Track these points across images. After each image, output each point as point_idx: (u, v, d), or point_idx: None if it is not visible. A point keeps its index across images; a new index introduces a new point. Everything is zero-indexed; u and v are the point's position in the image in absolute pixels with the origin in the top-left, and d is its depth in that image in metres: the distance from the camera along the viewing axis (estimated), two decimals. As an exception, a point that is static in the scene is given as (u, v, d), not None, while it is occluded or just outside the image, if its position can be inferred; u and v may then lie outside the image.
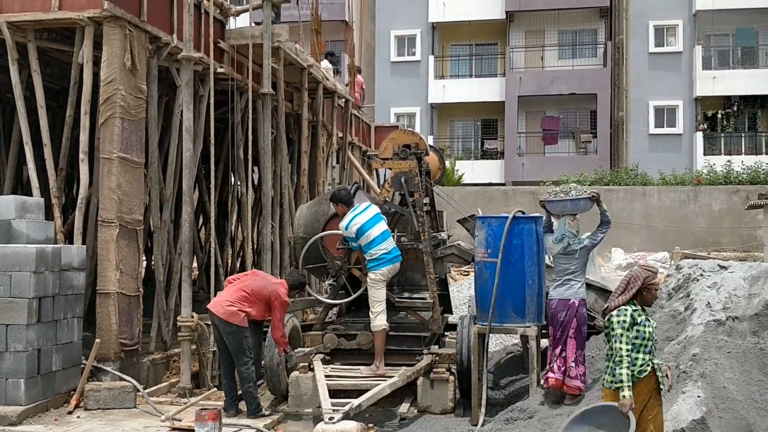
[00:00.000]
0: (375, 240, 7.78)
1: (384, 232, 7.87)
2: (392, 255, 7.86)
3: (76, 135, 9.20)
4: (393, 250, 7.88)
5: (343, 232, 7.93)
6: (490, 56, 32.71)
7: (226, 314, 7.31)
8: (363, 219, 7.82)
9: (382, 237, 7.83)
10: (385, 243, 7.82)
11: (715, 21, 29.23)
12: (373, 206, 8.04)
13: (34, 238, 7.84)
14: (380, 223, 7.88)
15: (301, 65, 12.59)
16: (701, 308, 6.87)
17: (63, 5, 8.52)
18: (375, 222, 7.85)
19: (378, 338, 7.82)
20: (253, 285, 7.50)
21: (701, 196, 23.86)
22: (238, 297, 7.41)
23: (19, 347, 7.23)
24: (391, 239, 7.96)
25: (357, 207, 7.97)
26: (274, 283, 7.66)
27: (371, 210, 7.93)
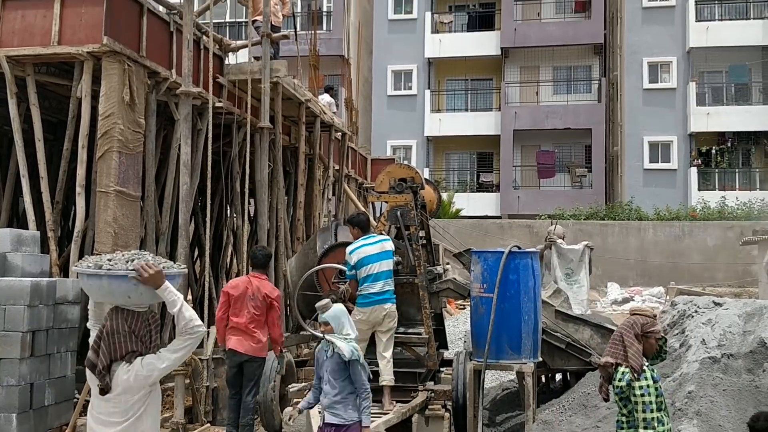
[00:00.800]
0: (371, 276, 7.55)
1: (385, 272, 7.58)
2: (380, 297, 7.52)
3: (73, 168, 9.23)
4: (385, 293, 7.55)
5: (347, 255, 7.76)
6: (486, 91, 33.00)
7: (254, 351, 7.43)
8: (369, 251, 7.58)
9: (378, 276, 7.55)
10: (380, 283, 7.54)
11: (708, 58, 29.57)
12: (388, 243, 7.76)
13: (29, 272, 7.82)
14: (385, 262, 7.59)
15: (299, 99, 12.70)
16: (696, 345, 6.87)
17: (62, 40, 8.61)
18: (380, 258, 7.58)
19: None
20: (254, 302, 7.48)
21: (696, 231, 23.95)
22: (256, 324, 7.43)
23: (12, 381, 7.17)
24: (389, 282, 7.64)
25: (371, 237, 7.75)
26: (260, 286, 7.57)
27: (382, 245, 7.67)
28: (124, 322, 3.71)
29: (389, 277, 7.60)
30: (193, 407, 9.02)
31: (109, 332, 3.68)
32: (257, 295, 7.49)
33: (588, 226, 24.38)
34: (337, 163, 16.36)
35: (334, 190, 16.86)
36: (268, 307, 7.55)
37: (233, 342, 7.49)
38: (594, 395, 7.26)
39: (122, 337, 3.68)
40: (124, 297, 3.71)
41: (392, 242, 7.77)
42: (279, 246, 12.38)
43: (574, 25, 31.27)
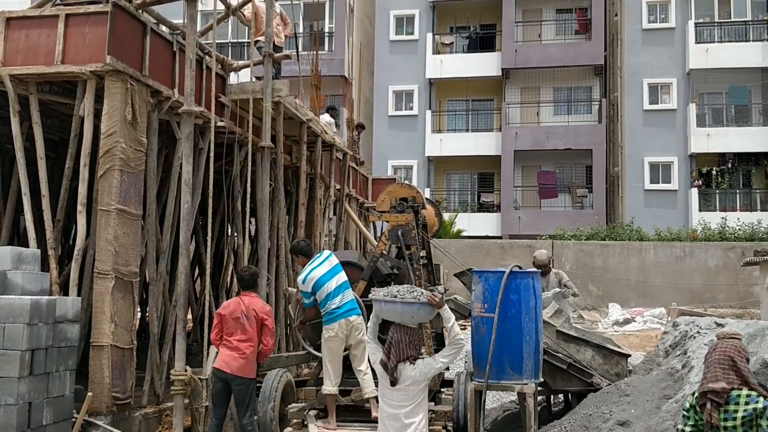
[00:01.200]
0: (329, 294, 7.55)
1: (341, 285, 7.61)
2: (343, 309, 7.51)
3: (74, 186, 9.24)
4: (345, 304, 7.53)
5: (300, 286, 7.75)
6: (487, 111, 33.12)
7: (240, 370, 7.35)
8: (320, 272, 7.64)
9: (336, 291, 7.57)
10: (338, 297, 7.54)
11: (708, 80, 29.70)
12: (332, 256, 7.81)
13: (29, 290, 7.81)
14: (337, 276, 7.64)
15: (300, 119, 12.74)
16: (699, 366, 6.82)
17: (66, 59, 8.66)
18: (332, 275, 7.63)
19: (327, 402, 7.61)
20: (247, 321, 7.46)
21: (697, 252, 23.91)
22: (248, 344, 7.40)
23: (10, 401, 7.13)
24: (349, 292, 7.63)
25: (316, 258, 7.79)
26: (251, 304, 7.56)
27: (330, 261, 7.73)
28: (405, 335, 5.29)
29: (345, 289, 7.65)
30: (192, 427, 8.97)
31: (395, 342, 5.25)
32: (249, 313, 7.47)
33: (589, 246, 24.35)
34: (338, 183, 16.38)
35: (335, 209, 16.87)
36: (261, 325, 7.52)
37: (219, 360, 7.50)
38: (596, 416, 7.21)
39: (404, 345, 5.25)
40: (409, 317, 5.31)
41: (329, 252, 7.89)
42: (279, 265, 12.36)
43: (575, 46, 31.45)
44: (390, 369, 5.20)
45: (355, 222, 17.64)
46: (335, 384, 7.64)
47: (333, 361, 7.62)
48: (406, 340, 5.25)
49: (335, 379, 7.64)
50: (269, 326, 7.55)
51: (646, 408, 7.00)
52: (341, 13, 30.68)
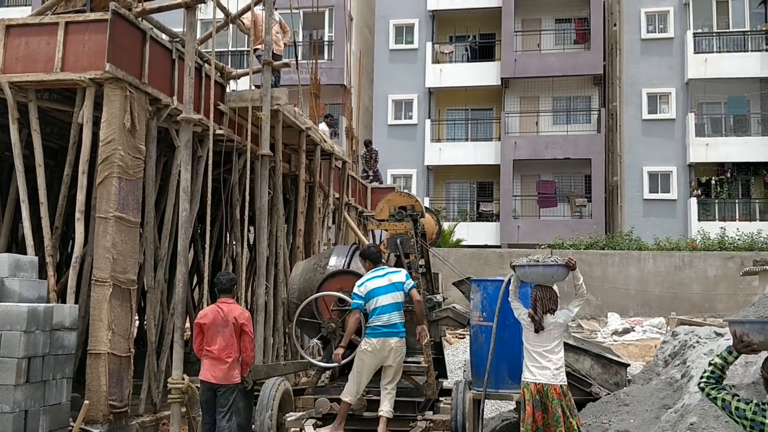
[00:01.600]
0: (377, 309, 7.50)
1: (393, 305, 7.51)
2: (386, 330, 7.46)
3: (72, 194, 9.23)
4: (394, 326, 7.48)
5: (356, 287, 7.73)
6: (486, 121, 33.16)
7: (225, 378, 7.40)
8: (377, 284, 7.58)
9: (386, 308, 7.49)
10: (386, 316, 7.47)
11: (707, 89, 29.75)
12: (398, 274, 7.68)
13: (27, 297, 7.78)
14: (393, 294, 7.54)
15: (299, 127, 12.75)
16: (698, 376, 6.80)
17: (65, 66, 8.67)
18: (388, 291, 7.55)
19: (341, 407, 7.61)
20: (226, 328, 7.43)
21: (696, 261, 23.90)
22: (228, 351, 7.40)
23: (6, 408, 7.09)
24: (397, 314, 7.54)
25: (380, 269, 7.75)
26: (229, 311, 7.52)
27: (390, 277, 7.64)
28: (546, 292, 6.50)
29: (396, 310, 7.53)
30: (189, 436, 8.93)
31: (539, 298, 6.48)
32: (228, 320, 7.44)
33: (588, 255, 24.33)
34: (337, 191, 16.38)
35: (334, 218, 16.86)
36: (240, 331, 7.49)
37: (203, 372, 7.50)
38: (595, 426, 7.19)
39: (546, 300, 6.47)
40: (549, 278, 6.51)
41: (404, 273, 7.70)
42: (278, 274, 12.34)
43: (574, 56, 31.51)
44: (536, 319, 6.40)
45: (354, 231, 17.63)
46: (354, 396, 7.58)
47: (361, 373, 7.55)
48: (547, 296, 6.46)
49: (356, 391, 7.58)
50: (249, 333, 7.52)
51: (645, 418, 6.97)
52: (341, 22, 30.75)
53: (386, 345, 7.45)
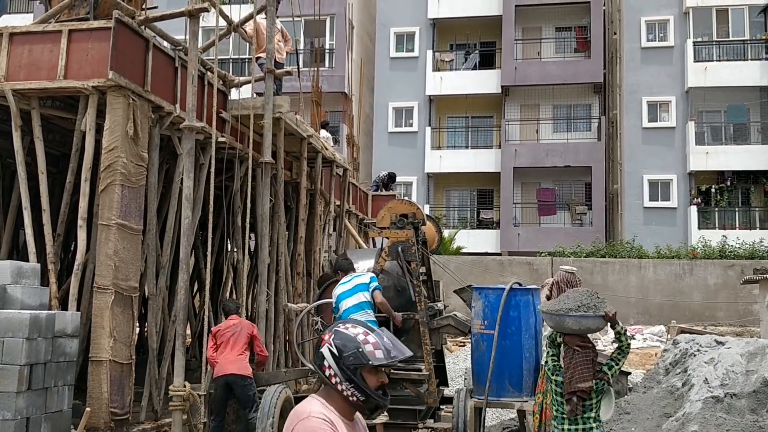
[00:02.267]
0: (343, 313, 7.64)
1: (355, 306, 7.64)
2: None
3: (75, 201, 9.25)
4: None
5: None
6: (486, 128, 33.20)
7: (239, 369, 8.09)
8: (340, 290, 7.82)
9: (349, 311, 7.61)
10: (355, 316, 7.51)
11: (706, 98, 29.81)
12: (363, 276, 7.88)
13: (29, 304, 7.79)
14: (356, 295, 7.69)
15: (301, 135, 12.77)
16: (699, 384, 6.82)
17: (68, 74, 8.70)
18: (351, 293, 7.73)
19: None
20: (240, 332, 8.34)
21: (696, 270, 23.91)
22: (241, 353, 8.20)
23: (8, 415, 7.09)
24: (362, 313, 7.57)
25: (350, 276, 7.96)
26: (240, 322, 8.52)
27: (355, 280, 7.84)
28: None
29: (359, 310, 7.68)
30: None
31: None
32: (241, 327, 8.38)
33: (588, 263, 24.34)
34: (338, 199, 16.40)
35: (335, 225, 16.88)
36: (251, 337, 8.37)
37: (218, 369, 8.21)
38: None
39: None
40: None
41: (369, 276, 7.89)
42: (279, 281, 12.35)
43: (574, 64, 31.58)
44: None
45: (354, 238, 17.64)
46: None
47: None
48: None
49: None
50: (259, 337, 8.32)
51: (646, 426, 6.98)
52: (342, 30, 30.83)
53: None
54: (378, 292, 7.75)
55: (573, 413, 5.20)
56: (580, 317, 5.25)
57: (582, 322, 5.27)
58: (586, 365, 5.22)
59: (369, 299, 7.72)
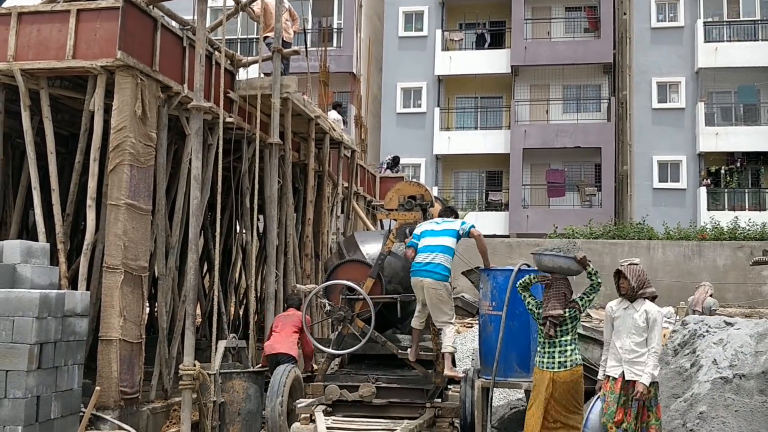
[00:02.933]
0: (421, 249, 7.82)
1: (434, 246, 7.75)
2: (420, 268, 7.73)
3: (84, 181, 9.27)
4: (427, 266, 7.70)
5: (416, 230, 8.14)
6: (496, 109, 33.04)
7: (287, 348, 9.04)
8: (428, 227, 7.94)
9: (426, 248, 7.78)
10: (424, 254, 7.75)
11: (717, 78, 29.56)
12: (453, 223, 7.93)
13: (39, 284, 7.83)
14: (440, 237, 7.78)
15: (308, 116, 12.74)
16: (707, 365, 6.81)
17: (77, 54, 8.68)
18: (437, 234, 7.81)
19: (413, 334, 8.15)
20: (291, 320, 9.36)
21: (706, 251, 23.83)
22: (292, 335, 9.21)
23: (18, 394, 7.15)
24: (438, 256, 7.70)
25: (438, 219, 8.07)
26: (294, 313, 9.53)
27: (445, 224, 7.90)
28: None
29: (439, 252, 7.73)
30: (200, 422, 9.00)
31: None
32: (292, 317, 9.39)
33: (597, 245, 24.27)
34: (346, 180, 16.39)
35: (343, 207, 16.87)
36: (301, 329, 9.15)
37: (267, 348, 9.21)
38: (604, 415, 7.19)
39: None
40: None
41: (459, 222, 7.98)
42: (288, 262, 12.38)
43: (584, 44, 31.35)
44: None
45: (362, 220, 17.64)
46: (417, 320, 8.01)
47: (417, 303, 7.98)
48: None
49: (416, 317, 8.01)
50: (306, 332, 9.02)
51: (654, 407, 6.98)
52: (350, 9, 30.65)
53: (420, 284, 7.76)
54: (475, 229, 7.85)
55: (549, 336, 6.43)
56: (554, 256, 6.55)
57: (555, 261, 6.55)
58: (558, 297, 6.49)
59: (451, 245, 7.79)
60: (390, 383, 8.12)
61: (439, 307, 7.72)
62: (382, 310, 8.38)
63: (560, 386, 6.33)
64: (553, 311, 6.42)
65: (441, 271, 7.72)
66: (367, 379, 8.07)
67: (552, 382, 6.35)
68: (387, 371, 8.32)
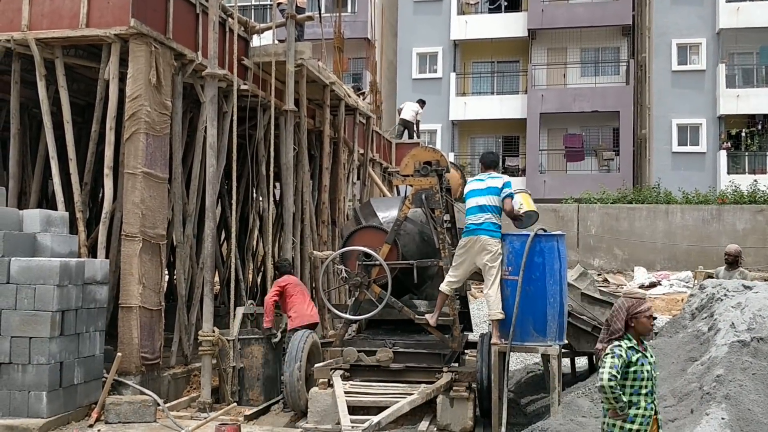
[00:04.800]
0: (470, 209, 7.80)
1: (483, 206, 7.70)
2: (475, 227, 7.70)
3: (101, 150, 9.32)
4: (482, 225, 7.66)
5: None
6: (512, 73, 32.71)
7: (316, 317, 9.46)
8: (474, 186, 7.89)
9: (474, 209, 7.75)
10: (474, 215, 7.71)
11: (738, 39, 29.03)
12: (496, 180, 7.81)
13: (59, 252, 7.93)
14: (486, 197, 7.72)
15: (323, 82, 12.68)
16: (725, 329, 6.79)
17: (90, 22, 8.67)
18: (481, 194, 7.76)
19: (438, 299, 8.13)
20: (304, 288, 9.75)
21: (725, 215, 23.60)
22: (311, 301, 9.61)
23: (42, 360, 7.29)
24: (487, 216, 7.66)
25: (487, 174, 7.94)
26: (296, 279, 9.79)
27: (489, 181, 7.80)
28: None
29: (487, 212, 7.70)
30: (219, 387, 9.13)
31: None
32: (303, 285, 9.74)
33: (615, 209, 24.13)
34: (362, 147, 16.35)
35: (359, 173, 16.85)
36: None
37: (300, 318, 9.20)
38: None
39: None
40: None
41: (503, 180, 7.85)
42: (304, 229, 12.42)
43: (602, 6, 30.83)
44: None
45: (378, 186, 17.62)
46: (449, 289, 7.96)
47: (455, 267, 7.87)
48: None
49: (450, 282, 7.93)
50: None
51: (671, 370, 6.99)
52: (364, -26, 30.31)
53: (475, 242, 7.66)
54: (509, 200, 7.76)
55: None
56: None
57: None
58: None
59: (497, 204, 7.73)
60: (407, 348, 8.18)
61: (494, 266, 7.59)
62: (399, 276, 8.41)
63: None
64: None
65: (495, 229, 7.70)
66: (385, 344, 8.13)
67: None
68: (404, 336, 8.38)
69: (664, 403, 6.31)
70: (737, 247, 9.92)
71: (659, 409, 4.70)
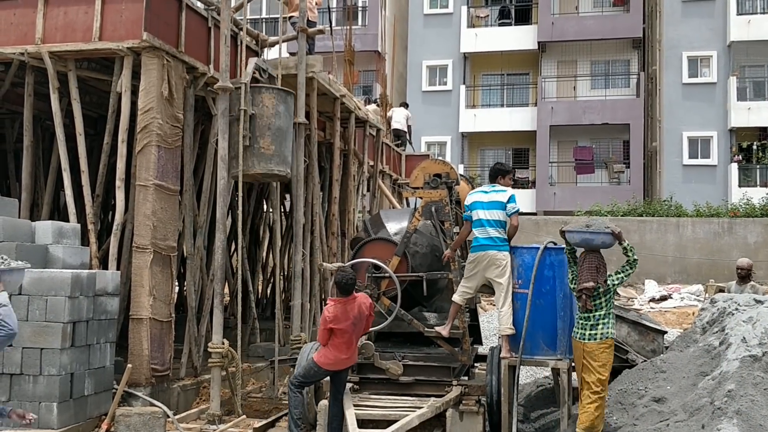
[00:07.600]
0: (477, 222, 7.71)
1: (479, 221, 7.67)
2: (479, 243, 7.65)
3: (112, 162, 9.39)
4: (488, 240, 7.62)
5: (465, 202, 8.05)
6: (522, 86, 32.73)
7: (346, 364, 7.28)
8: (478, 198, 7.79)
9: (482, 223, 7.67)
10: (480, 230, 7.65)
11: (749, 52, 28.97)
12: (500, 194, 7.75)
13: (70, 263, 7.98)
14: (492, 212, 7.66)
15: (333, 95, 12.73)
16: (737, 343, 6.74)
17: (103, 36, 8.76)
18: (486, 207, 7.70)
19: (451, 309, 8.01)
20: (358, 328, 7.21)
21: (736, 228, 23.50)
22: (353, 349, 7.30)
23: (53, 371, 7.32)
24: (494, 230, 7.60)
25: (490, 186, 7.91)
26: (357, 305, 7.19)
27: (494, 195, 7.74)
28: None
29: (495, 226, 7.64)
30: (229, 399, 9.13)
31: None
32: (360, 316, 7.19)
33: (625, 222, 24.05)
34: (372, 159, 16.39)
35: (369, 185, 16.88)
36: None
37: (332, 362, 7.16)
38: (631, 392, 7.19)
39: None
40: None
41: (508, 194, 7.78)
42: (314, 241, 12.44)
43: (613, 18, 30.86)
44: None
45: (388, 198, 17.65)
46: (461, 299, 7.89)
47: (468, 278, 7.81)
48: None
49: (463, 293, 7.86)
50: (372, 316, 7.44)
51: (682, 385, 6.95)
52: (375, -13, 30.45)
53: (484, 258, 7.61)
54: (515, 217, 7.75)
55: (584, 308, 6.65)
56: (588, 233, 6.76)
57: (588, 238, 6.76)
58: (590, 270, 6.65)
59: (502, 218, 7.68)
60: (416, 361, 8.15)
61: (505, 281, 7.54)
62: (408, 288, 8.40)
63: (587, 355, 6.63)
64: (586, 284, 6.59)
65: (502, 243, 7.68)
66: (394, 356, 8.11)
67: (582, 353, 6.69)
68: (413, 349, 8.35)
69: (675, 418, 6.28)
70: (749, 261, 9.85)
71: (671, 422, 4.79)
